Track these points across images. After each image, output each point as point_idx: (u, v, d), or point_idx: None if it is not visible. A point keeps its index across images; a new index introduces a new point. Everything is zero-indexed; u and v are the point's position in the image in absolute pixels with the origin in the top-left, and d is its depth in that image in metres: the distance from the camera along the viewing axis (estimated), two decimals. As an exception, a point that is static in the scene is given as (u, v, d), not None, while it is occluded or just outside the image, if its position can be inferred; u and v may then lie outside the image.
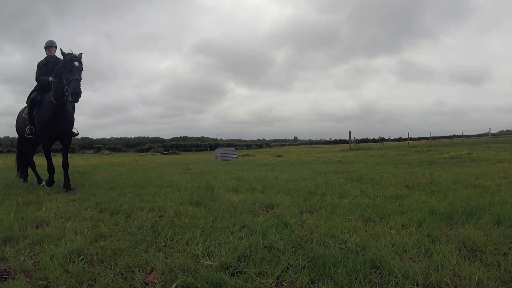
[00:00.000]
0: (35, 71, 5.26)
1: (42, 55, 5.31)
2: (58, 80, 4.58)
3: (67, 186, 4.86)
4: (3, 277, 1.79)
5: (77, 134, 5.49)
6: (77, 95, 4.38)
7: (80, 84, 4.47)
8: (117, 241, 2.31)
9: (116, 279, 1.73)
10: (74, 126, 5.37)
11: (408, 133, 32.08)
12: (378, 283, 1.64)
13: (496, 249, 2.01)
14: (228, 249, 2.08)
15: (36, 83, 5.27)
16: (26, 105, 5.50)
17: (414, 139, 36.28)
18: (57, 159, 5.46)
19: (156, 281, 1.71)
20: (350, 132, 30.19)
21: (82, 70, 4.64)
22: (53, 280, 1.72)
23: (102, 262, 1.95)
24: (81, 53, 4.73)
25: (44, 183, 5.58)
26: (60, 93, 4.58)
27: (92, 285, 1.68)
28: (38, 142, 5.77)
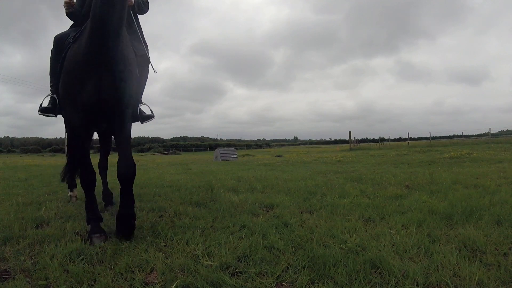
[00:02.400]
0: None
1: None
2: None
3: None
4: (3, 277, 1.78)
5: (151, 116, 3.15)
6: None
7: None
8: (117, 241, 2.31)
9: (116, 279, 1.73)
10: (143, 101, 3.04)
11: (408, 133, 32.10)
12: (378, 283, 1.64)
13: (496, 249, 2.01)
14: (228, 249, 2.07)
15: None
16: None
17: (414, 139, 36.25)
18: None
19: (156, 281, 1.71)
20: (350, 132, 30.23)
21: None
22: (53, 280, 1.72)
23: (102, 262, 1.95)
24: None
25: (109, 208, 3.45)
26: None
27: (92, 285, 1.68)
28: (76, 126, 2.75)
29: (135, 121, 2.95)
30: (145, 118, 3.09)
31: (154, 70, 2.99)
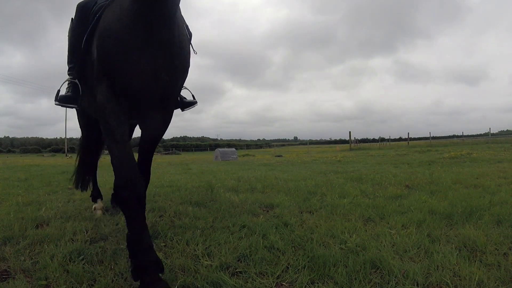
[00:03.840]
0: None
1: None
2: None
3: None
4: (3, 277, 1.78)
5: (193, 102, 2.68)
6: None
7: None
8: (117, 241, 2.31)
9: (116, 279, 1.73)
10: (186, 85, 2.44)
11: (408, 133, 32.21)
12: (378, 283, 1.64)
13: (496, 249, 2.01)
14: (228, 249, 2.07)
15: None
16: None
17: (414, 139, 36.34)
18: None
19: (156, 281, 1.71)
20: (350, 132, 30.32)
21: None
22: (53, 280, 1.72)
23: (102, 262, 1.95)
24: None
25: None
26: None
27: (92, 285, 1.68)
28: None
29: (176, 107, 2.52)
30: (186, 105, 2.60)
31: (194, 51, 2.40)
